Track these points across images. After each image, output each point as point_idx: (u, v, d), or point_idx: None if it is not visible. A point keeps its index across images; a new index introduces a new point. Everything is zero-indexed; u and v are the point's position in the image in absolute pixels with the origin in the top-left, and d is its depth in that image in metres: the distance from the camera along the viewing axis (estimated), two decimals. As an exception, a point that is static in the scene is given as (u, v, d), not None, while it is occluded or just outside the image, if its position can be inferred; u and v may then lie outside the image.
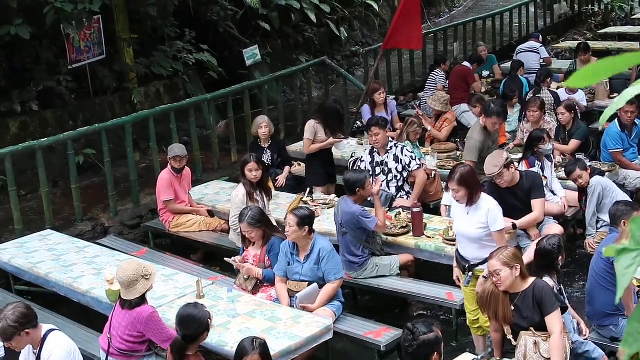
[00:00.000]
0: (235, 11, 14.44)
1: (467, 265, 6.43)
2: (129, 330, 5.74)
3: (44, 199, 9.12)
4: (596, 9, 21.86)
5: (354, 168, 8.86)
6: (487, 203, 6.33)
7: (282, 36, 15.69)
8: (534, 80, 12.15)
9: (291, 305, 6.69)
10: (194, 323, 5.33)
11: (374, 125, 8.68)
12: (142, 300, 5.76)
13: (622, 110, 9.17)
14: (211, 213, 9.14)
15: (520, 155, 8.78)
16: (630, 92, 1.81)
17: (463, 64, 13.73)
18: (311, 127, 9.65)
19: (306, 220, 6.70)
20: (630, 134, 9.34)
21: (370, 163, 8.78)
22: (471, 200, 6.30)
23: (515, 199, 7.39)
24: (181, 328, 5.34)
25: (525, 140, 9.26)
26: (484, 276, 5.74)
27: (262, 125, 9.90)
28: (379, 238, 7.60)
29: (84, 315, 7.40)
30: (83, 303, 7.23)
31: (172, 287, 6.96)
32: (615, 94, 12.34)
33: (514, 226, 7.35)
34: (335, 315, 6.65)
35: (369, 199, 7.86)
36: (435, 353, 4.80)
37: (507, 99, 11.04)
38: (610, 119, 9.37)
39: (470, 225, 6.33)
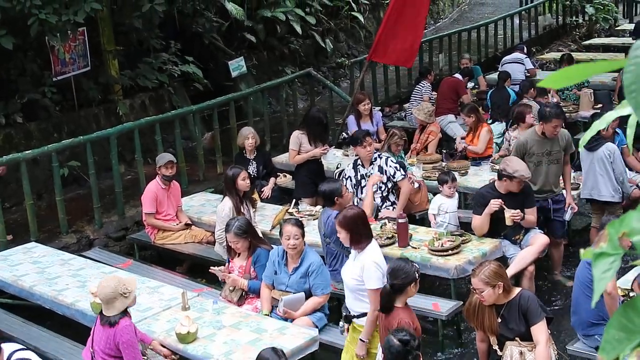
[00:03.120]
0: (221, 23, 14.46)
1: (344, 314, 6.06)
2: (108, 344, 5.71)
3: (28, 211, 9.06)
4: (580, 21, 22.00)
5: (335, 178, 8.89)
6: (369, 256, 5.75)
7: (267, 48, 15.71)
8: (517, 91, 12.22)
9: (272, 312, 6.70)
10: (402, 272, 5.39)
11: (368, 136, 8.75)
12: (122, 316, 5.73)
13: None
14: (189, 225, 9.10)
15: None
16: (611, 115, 1.83)
17: (454, 75, 13.79)
18: (296, 137, 9.67)
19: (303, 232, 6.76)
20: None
21: (354, 177, 8.78)
22: (356, 245, 5.85)
23: (516, 205, 7.47)
24: (390, 277, 5.44)
25: (512, 149, 9.28)
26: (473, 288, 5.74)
27: (249, 137, 9.91)
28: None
29: (69, 328, 7.34)
30: (68, 316, 7.17)
31: (157, 299, 6.93)
32: (599, 105, 12.40)
33: (523, 217, 7.53)
34: (315, 325, 6.62)
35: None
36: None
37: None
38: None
39: (349, 273, 5.91)
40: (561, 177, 8.39)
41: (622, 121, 9.41)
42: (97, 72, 11.65)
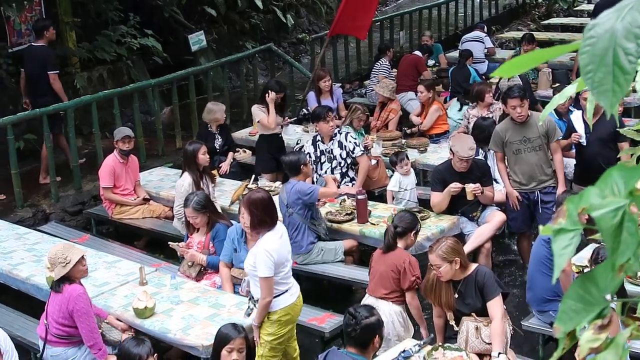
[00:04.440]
0: (181, -4, 14.29)
1: (250, 298, 5.97)
2: (61, 312, 5.68)
3: (-18, 184, 8.93)
4: (540, 0, 22.13)
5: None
6: (262, 244, 5.62)
7: (228, 22, 15.57)
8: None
9: (235, 292, 6.68)
10: (406, 219, 6.49)
11: (330, 111, 8.77)
12: (68, 282, 5.70)
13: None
14: (147, 200, 9.04)
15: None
16: (570, 90, 1.85)
17: (414, 52, 13.81)
18: (257, 108, 9.65)
19: None
20: (567, 121, 9.44)
21: (314, 153, 8.78)
22: (254, 229, 5.76)
23: (473, 182, 7.52)
24: (396, 221, 6.50)
25: (471, 127, 9.35)
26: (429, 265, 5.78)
27: (224, 110, 9.90)
28: (323, 222, 7.63)
29: (24, 302, 7.26)
30: (23, 290, 7.09)
31: (114, 274, 6.89)
32: (557, 84, 12.51)
33: (482, 191, 7.54)
34: None
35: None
36: (377, 336, 4.85)
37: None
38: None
39: (247, 260, 5.81)
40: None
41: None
42: (54, 44, 11.45)
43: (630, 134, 2.44)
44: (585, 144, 8.09)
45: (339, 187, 8.68)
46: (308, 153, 8.76)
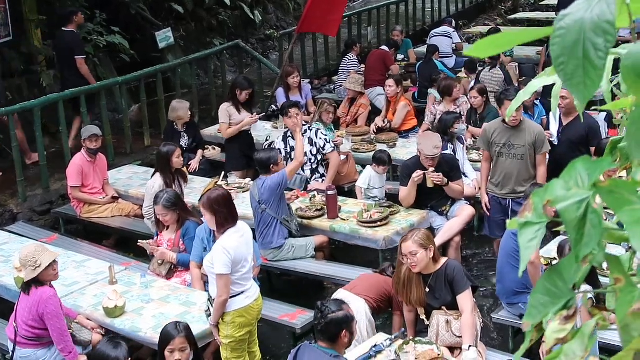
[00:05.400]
0: (148, -7, 14.19)
1: (208, 297, 5.89)
2: (31, 315, 5.63)
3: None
4: (506, -5, 22.29)
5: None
6: (220, 241, 5.64)
7: (195, 19, 15.48)
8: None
9: (206, 290, 6.65)
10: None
11: (293, 107, 8.68)
12: (38, 284, 5.65)
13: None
14: (116, 199, 8.98)
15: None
16: (535, 84, 1.86)
17: (381, 47, 13.85)
18: (225, 110, 9.60)
19: None
20: (533, 114, 9.52)
21: (284, 149, 8.77)
22: (220, 227, 5.70)
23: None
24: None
25: (437, 122, 9.41)
26: (400, 260, 5.80)
27: (188, 110, 9.84)
28: (295, 218, 7.63)
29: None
30: (-10, 291, 7.03)
31: (83, 274, 6.85)
32: (524, 78, 12.61)
33: (447, 183, 7.54)
34: None
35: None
36: (345, 330, 4.86)
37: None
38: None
39: (207, 257, 5.81)
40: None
41: (546, 93, 9.46)
42: (20, 42, 11.34)
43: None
44: (556, 144, 8.07)
45: (309, 183, 8.71)
46: (279, 149, 8.75)
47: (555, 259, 6.20)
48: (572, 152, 7.84)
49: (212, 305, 5.71)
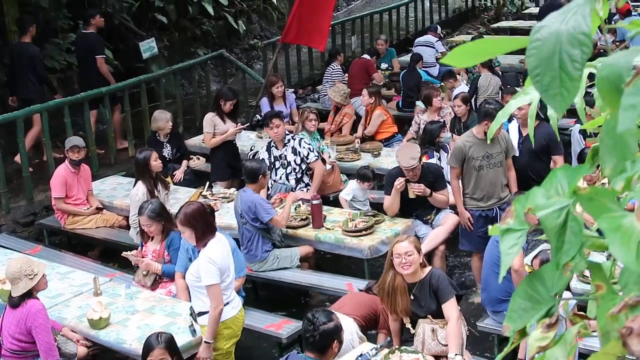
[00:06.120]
0: (131, 3, 14.16)
1: (190, 312, 5.93)
2: (19, 328, 5.59)
3: None
4: (489, 4, 22.37)
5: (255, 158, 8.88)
6: (204, 252, 5.67)
7: (179, 29, 15.47)
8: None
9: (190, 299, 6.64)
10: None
11: (274, 117, 8.69)
12: (28, 297, 5.63)
13: (505, 101, 9.40)
14: (100, 209, 8.95)
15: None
16: (514, 104, 1.87)
17: (363, 56, 13.89)
18: (209, 120, 9.60)
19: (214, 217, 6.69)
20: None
21: (268, 159, 8.77)
22: (200, 241, 5.71)
23: (426, 186, 7.56)
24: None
25: (421, 132, 9.44)
26: (387, 268, 5.81)
27: (169, 120, 9.81)
28: (278, 229, 7.62)
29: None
30: (-26, 304, 6.97)
31: (67, 285, 6.82)
32: (508, 86, 12.64)
33: (431, 194, 7.56)
34: None
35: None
36: (335, 341, 4.86)
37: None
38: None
39: (189, 270, 5.88)
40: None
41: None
42: (3, 53, 11.29)
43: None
44: (517, 154, 8.02)
45: (293, 192, 8.70)
46: (263, 159, 8.74)
47: (531, 266, 6.22)
48: (534, 162, 7.95)
49: (194, 320, 5.69)
